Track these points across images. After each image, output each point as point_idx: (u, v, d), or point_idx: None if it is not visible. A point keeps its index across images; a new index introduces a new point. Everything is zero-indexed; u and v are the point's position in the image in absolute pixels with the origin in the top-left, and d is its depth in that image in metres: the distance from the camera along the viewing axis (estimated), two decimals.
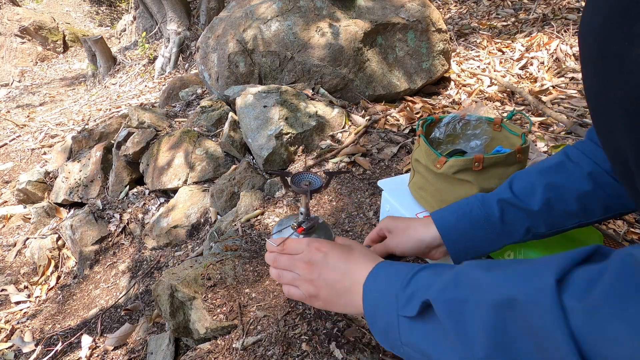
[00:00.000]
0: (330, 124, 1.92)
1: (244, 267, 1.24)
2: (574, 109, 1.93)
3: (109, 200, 2.38)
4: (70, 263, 2.30)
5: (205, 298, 1.13)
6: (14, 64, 6.97)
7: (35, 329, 1.88)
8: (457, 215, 0.69)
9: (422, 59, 2.30)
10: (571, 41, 2.54)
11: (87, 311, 1.87)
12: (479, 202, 0.68)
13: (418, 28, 2.27)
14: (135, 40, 6.26)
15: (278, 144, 1.76)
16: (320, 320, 1.05)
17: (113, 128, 2.90)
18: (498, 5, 3.61)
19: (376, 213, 1.41)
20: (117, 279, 1.97)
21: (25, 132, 4.14)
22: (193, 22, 5.28)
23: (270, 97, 1.91)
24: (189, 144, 2.12)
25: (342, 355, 0.95)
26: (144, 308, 1.66)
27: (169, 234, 1.91)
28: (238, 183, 1.80)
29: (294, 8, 2.21)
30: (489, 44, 2.90)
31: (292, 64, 2.15)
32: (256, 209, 1.55)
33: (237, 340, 1.04)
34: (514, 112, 1.39)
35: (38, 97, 5.64)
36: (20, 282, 2.25)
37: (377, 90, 2.22)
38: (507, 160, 0.94)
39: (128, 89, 5.08)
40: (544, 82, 2.24)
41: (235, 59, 2.19)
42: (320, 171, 1.70)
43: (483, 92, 2.29)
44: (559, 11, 3.11)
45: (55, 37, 7.41)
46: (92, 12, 8.99)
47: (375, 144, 1.81)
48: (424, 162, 1.02)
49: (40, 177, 2.90)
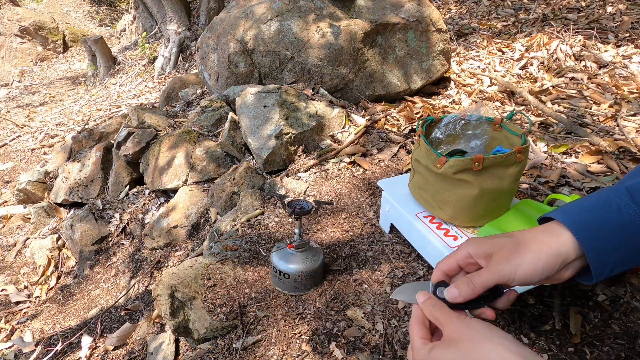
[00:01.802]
0: (330, 124, 1.91)
1: (244, 267, 1.24)
2: (574, 109, 1.93)
3: (109, 200, 2.38)
4: (70, 263, 2.30)
5: (205, 298, 1.13)
6: (14, 64, 6.97)
7: (35, 329, 1.88)
8: (597, 215, 0.50)
9: (422, 59, 2.30)
10: (571, 41, 2.54)
11: (87, 311, 1.87)
12: (628, 197, 0.50)
13: (418, 28, 2.27)
14: (135, 40, 6.26)
15: (278, 144, 1.76)
16: (320, 320, 1.05)
17: (113, 128, 2.90)
18: (498, 5, 3.61)
19: (376, 213, 1.41)
20: (117, 279, 1.97)
21: (25, 132, 4.14)
22: (193, 22, 5.28)
23: (270, 97, 1.91)
24: (189, 144, 2.12)
25: (342, 355, 0.95)
26: (144, 308, 1.66)
27: (169, 234, 1.91)
28: (238, 183, 1.79)
29: (293, 8, 2.21)
30: (489, 44, 2.90)
31: (292, 64, 2.15)
32: (256, 209, 1.55)
33: (237, 340, 1.04)
34: (514, 112, 1.39)
35: (38, 97, 5.64)
36: (20, 282, 2.25)
37: (377, 90, 2.22)
38: (507, 160, 0.95)
39: (128, 89, 5.08)
40: (544, 82, 2.24)
41: (235, 59, 2.19)
42: (313, 197, 1.70)
43: (483, 92, 2.29)
44: (559, 11, 3.11)
45: (55, 37, 7.41)
46: (92, 12, 8.99)
47: (375, 144, 1.81)
48: (424, 162, 1.02)
49: (40, 177, 2.90)
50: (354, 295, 1.11)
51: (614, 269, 0.49)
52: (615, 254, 0.49)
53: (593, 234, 0.49)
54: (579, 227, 0.49)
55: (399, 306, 1.06)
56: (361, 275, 1.17)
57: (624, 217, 0.48)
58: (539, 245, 0.50)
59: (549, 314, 1.00)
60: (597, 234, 0.49)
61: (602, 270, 0.49)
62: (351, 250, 1.27)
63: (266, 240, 1.38)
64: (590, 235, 0.49)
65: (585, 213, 0.50)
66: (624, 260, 0.49)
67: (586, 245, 0.48)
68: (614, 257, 0.49)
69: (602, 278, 0.50)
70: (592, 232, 0.49)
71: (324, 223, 1.41)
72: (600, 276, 0.49)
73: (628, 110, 1.84)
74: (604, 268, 0.49)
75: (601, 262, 0.49)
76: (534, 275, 0.50)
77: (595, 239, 0.49)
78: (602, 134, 1.69)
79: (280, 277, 1.12)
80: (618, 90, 2.03)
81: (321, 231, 1.37)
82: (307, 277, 1.10)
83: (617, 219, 0.48)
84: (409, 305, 1.05)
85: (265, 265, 1.25)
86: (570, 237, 0.49)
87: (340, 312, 1.06)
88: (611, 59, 2.31)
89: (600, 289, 1.06)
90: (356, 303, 1.08)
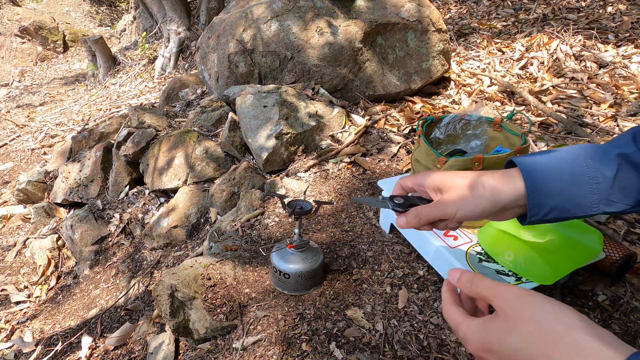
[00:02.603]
0: (330, 124, 1.91)
1: (244, 267, 1.24)
2: (574, 109, 1.93)
3: (109, 200, 2.38)
4: (70, 263, 2.30)
5: (205, 298, 1.13)
6: (14, 64, 6.97)
7: (35, 329, 1.88)
8: (553, 164, 0.52)
9: (422, 59, 2.30)
10: (571, 41, 2.54)
11: (87, 311, 1.87)
12: (587, 153, 0.52)
13: (418, 28, 2.27)
14: (135, 40, 6.26)
15: (278, 144, 1.76)
16: (320, 320, 1.05)
17: (113, 128, 2.90)
18: (498, 5, 3.61)
19: (376, 213, 1.41)
20: (117, 279, 1.97)
21: (25, 132, 4.14)
22: (193, 22, 5.27)
23: (270, 97, 1.91)
24: (189, 144, 2.12)
25: (342, 355, 0.95)
26: (144, 308, 1.66)
27: (169, 234, 1.91)
28: (238, 183, 1.79)
29: (293, 8, 2.21)
30: (489, 44, 2.90)
31: (292, 64, 2.15)
32: (256, 209, 1.55)
33: (237, 340, 1.04)
34: (514, 112, 1.39)
35: (38, 97, 5.64)
36: (20, 282, 2.25)
37: (377, 90, 2.22)
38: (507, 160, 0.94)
39: (128, 89, 5.08)
40: (544, 82, 2.24)
41: (235, 59, 2.19)
42: (313, 197, 1.70)
43: (483, 92, 2.29)
44: (559, 11, 3.11)
45: (55, 37, 7.40)
46: (92, 12, 8.99)
47: (375, 144, 1.81)
48: (424, 162, 1.02)
49: (40, 177, 2.90)
50: (354, 295, 1.11)
51: (549, 214, 0.52)
52: (555, 199, 0.51)
53: (541, 179, 0.51)
54: (531, 172, 0.52)
55: (398, 306, 1.06)
56: (361, 275, 1.17)
57: (577, 170, 0.51)
58: (485, 190, 0.53)
59: None
60: (545, 179, 0.51)
61: (537, 211, 0.52)
62: (351, 250, 1.27)
63: (266, 240, 1.38)
64: (538, 181, 0.52)
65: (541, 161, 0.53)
66: (561, 208, 0.52)
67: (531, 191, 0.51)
68: (553, 202, 0.51)
69: (535, 219, 0.53)
70: (540, 174, 0.52)
71: (324, 223, 1.41)
72: (534, 217, 0.53)
73: (628, 110, 1.84)
74: (539, 209, 0.52)
75: (538, 207, 0.52)
76: (471, 215, 0.54)
77: (542, 186, 0.51)
78: (602, 134, 1.69)
79: (280, 277, 1.12)
80: (618, 90, 2.03)
81: (321, 231, 1.37)
82: (307, 277, 1.10)
83: (570, 170, 0.51)
84: (409, 305, 1.05)
85: (265, 265, 1.25)
86: (521, 186, 0.52)
87: (340, 312, 1.06)
88: (611, 59, 2.31)
89: (600, 289, 1.06)
90: (356, 303, 1.08)
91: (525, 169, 0.53)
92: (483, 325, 0.43)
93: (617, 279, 1.06)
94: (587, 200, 0.51)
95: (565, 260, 0.90)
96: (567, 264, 0.90)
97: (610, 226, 1.25)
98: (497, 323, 0.42)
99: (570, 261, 0.91)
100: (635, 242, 1.19)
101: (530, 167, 0.53)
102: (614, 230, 1.23)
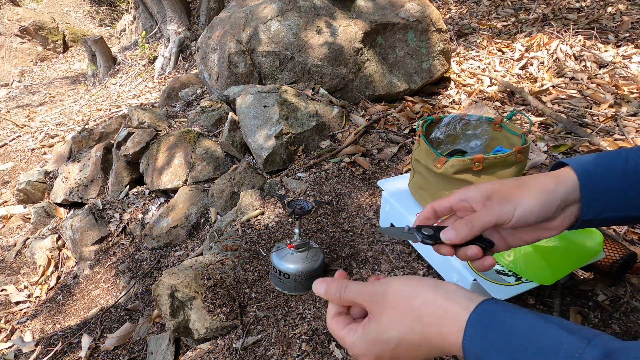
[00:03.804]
0: (330, 124, 1.91)
1: (244, 267, 1.24)
2: (574, 109, 1.93)
3: (109, 200, 2.38)
4: (70, 263, 2.30)
5: (205, 298, 1.13)
6: (14, 64, 6.97)
7: (35, 329, 1.88)
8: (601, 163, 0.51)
9: (422, 59, 2.30)
10: (571, 41, 2.54)
11: (87, 311, 1.87)
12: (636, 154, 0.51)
13: (418, 28, 2.27)
14: (135, 40, 6.25)
15: (278, 144, 1.76)
16: (320, 320, 1.05)
17: (113, 128, 2.90)
18: (498, 5, 3.61)
19: (376, 213, 1.41)
20: (117, 279, 1.97)
21: (25, 132, 4.14)
22: (193, 22, 5.27)
23: (270, 97, 1.91)
24: (189, 144, 2.12)
25: (342, 355, 0.95)
26: (144, 308, 1.66)
27: (169, 234, 1.91)
28: (238, 183, 1.79)
29: (293, 8, 2.21)
30: (489, 44, 2.90)
31: (292, 64, 2.15)
32: (256, 209, 1.55)
33: (237, 340, 1.04)
34: (514, 112, 1.39)
35: (38, 97, 5.64)
36: (20, 282, 2.25)
37: (377, 90, 2.22)
38: (507, 160, 0.95)
39: (128, 89, 5.08)
40: (544, 82, 2.24)
41: (235, 59, 2.19)
42: (313, 197, 1.70)
43: (483, 92, 2.29)
44: (559, 11, 3.11)
45: (55, 37, 7.40)
46: (92, 12, 8.99)
47: (375, 144, 1.81)
48: (424, 162, 1.02)
49: (40, 177, 2.90)
50: None
51: (603, 212, 0.50)
52: (609, 196, 0.49)
53: (593, 174, 0.50)
54: (584, 170, 0.50)
55: None
56: (361, 275, 1.17)
57: (630, 165, 0.50)
58: (539, 184, 0.51)
59: (549, 314, 1.00)
60: (597, 175, 0.50)
61: (592, 206, 0.50)
62: (351, 250, 1.27)
63: (266, 240, 1.38)
64: (590, 175, 0.50)
65: (596, 159, 0.51)
66: (616, 206, 0.50)
67: (583, 181, 0.49)
68: (606, 199, 0.50)
69: (590, 216, 0.50)
70: (593, 172, 0.50)
71: (324, 223, 1.41)
72: (589, 213, 0.50)
73: (628, 110, 1.85)
74: (594, 205, 0.50)
75: (592, 199, 0.49)
76: (531, 214, 0.49)
77: (594, 178, 0.50)
78: (602, 134, 1.69)
79: (280, 277, 1.12)
80: (618, 90, 2.03)
81: (321, 231, 1.37)
82: (307, 277, 1.10)
83: (621, 166, 0.50)
84: None
85: (265, 265, 1.25)
86: (574, 179, 0.50)
87: None
88: (611, 59, 2.31)
89: (600, 289, 1.06)
90: None
91: (574, 163, 0.52)
92: (362, 332, 0.42)
93: (617, 279, 1.06)
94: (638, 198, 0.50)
95: (565, 260, 0.90)
96: (567, 264, 0.90)
97: (610, 226, 1.25)
98: (372, 326, 0.41)
99: (570, 261, 0.91)
100: (635, 242, 1.19)
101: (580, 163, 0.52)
102: (614, 230, 1.23)
